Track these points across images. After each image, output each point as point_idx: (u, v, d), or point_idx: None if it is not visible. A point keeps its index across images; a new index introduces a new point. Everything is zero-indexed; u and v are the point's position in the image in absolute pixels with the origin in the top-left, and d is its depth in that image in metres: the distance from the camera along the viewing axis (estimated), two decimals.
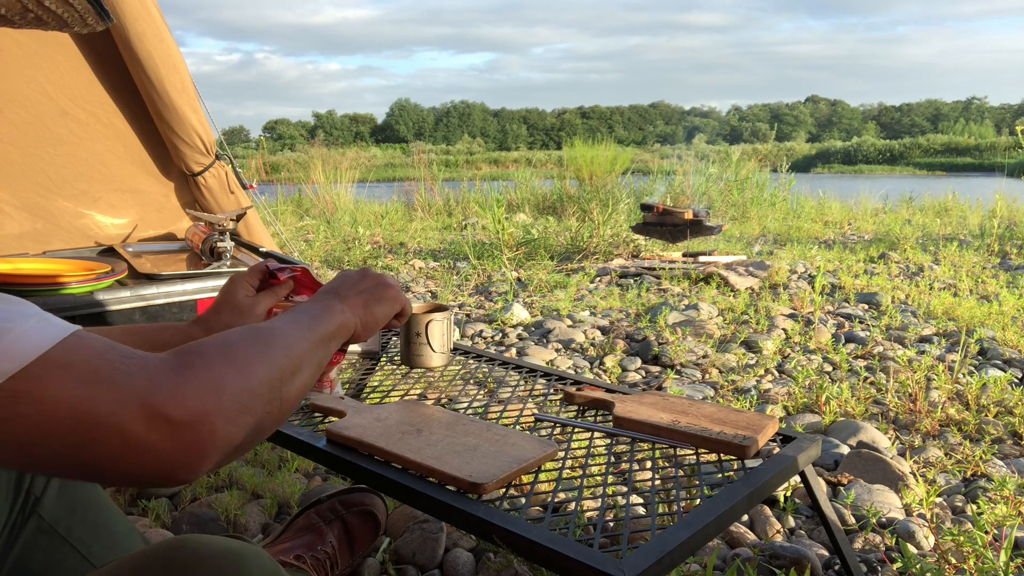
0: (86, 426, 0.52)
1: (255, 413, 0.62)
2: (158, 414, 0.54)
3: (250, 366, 0.64)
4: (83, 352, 0.54)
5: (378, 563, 1.43)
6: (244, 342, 0.67)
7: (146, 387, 0.55)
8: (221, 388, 0.59)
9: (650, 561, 0.84)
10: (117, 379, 0.54)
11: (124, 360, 0.56)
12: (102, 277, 1.75)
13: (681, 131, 17.37)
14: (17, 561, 0.90)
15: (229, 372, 0.61)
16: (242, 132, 60.69)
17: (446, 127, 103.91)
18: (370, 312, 0.92)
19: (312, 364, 0.75)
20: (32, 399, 0.51)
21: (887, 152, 45.64)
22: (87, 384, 0.53)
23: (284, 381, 0.68)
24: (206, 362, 0.60)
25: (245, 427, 0.60)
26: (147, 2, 2.20)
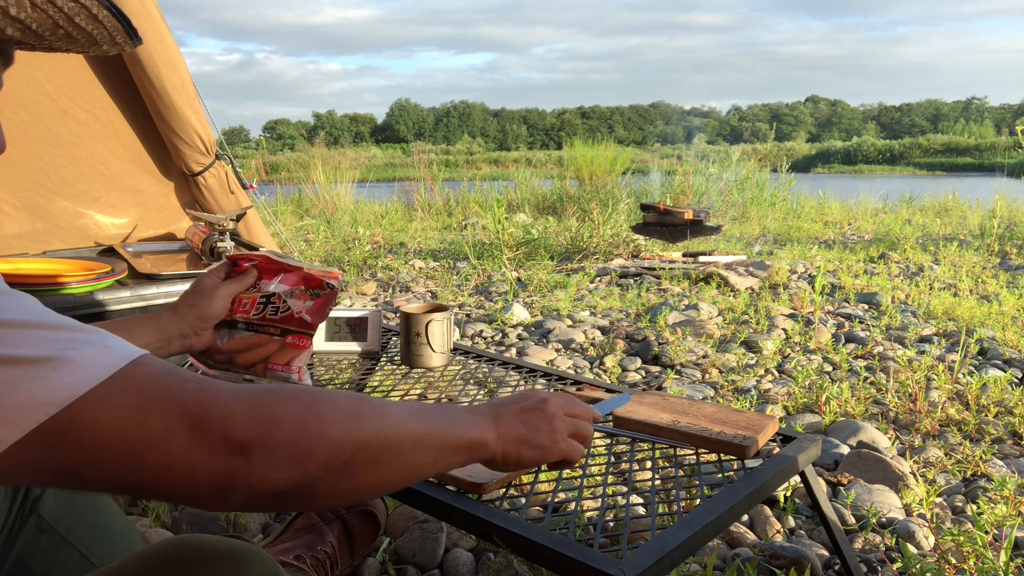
0: (134, 449, 0.53)
1: (305, 470, 0.59)
2: (202, 438, 0.55)
3: (321, 422, 0.61)
4: (139, 380, 0.55)
5: (378, 563, 1.43)
6: (330, 400, 0.64)
7: (199, 411, 0.55)
8: (273, 428, 0.57)
9: (650, 561, 0.84)
10: (170, 404, 0.55)
11: (182, 383, 0.56)
12: (102, 277, 1.75)
13: (681, 131, 17.33)
14: (17, 560, 0.90)
15: (292, 417, 0.59)
16: (242, 132, 60.72)
17: (446, 127, 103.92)
18: (518, 450, 0.80)
19: (409, 464, 0.68)
20: (86, 426, 0.52)
21: (887, 152, 45.65)
22: (140, 411, 0.54)
23: (356, 459, 0.62)
24: (274, 399, 0.59)
25: (287, 478, 0.58)
26: (147, 2, 2.20)
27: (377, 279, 4.64)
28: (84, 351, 0.53)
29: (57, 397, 0.51)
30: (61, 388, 0.51)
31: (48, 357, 0.51)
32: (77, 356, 0.53)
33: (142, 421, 0.53)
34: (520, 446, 0.80)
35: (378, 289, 4.39)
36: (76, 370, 0.52)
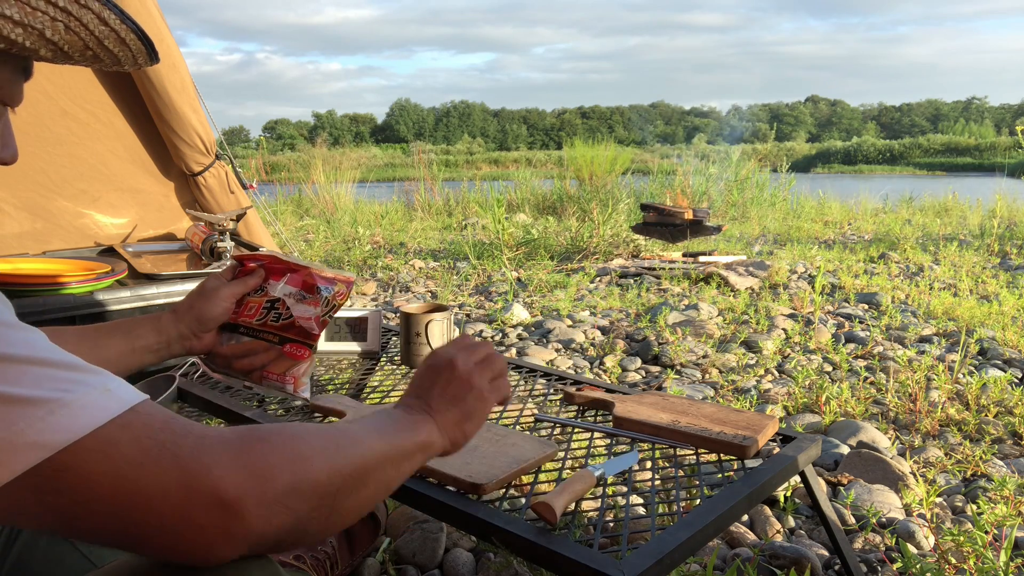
0: (126, 504, 0.53)
1: (297, 515, 0.60)
2: (195, 497, 0.54)
3: (307, 464, 0.62)
4: (136, 430, 0.54)
5: (378, 563, 1.43)
6: (312, 438, 0.65)
7: (193, 469, 0.55)
8: (267, 480, 0.58)
9: (650, 562, 0.84)
10: (164, 462, 0.54)
11: (177, 439, 0.56)
12: (102, 277, 1.75)
13: (681, 131, 17.31)
14: (17, 560, 0.90)
15: (282, 466, 0.59)
16: (242, 132, 60.71)
17: (446, 127, 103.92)
18: (462, 430, 0.83)
19: (381, 481, 0.71)
20: (78, 474, 0.51)
21: (887, 152, 45.64)
22: (133, 464, 0.53)
23: (341, 491, 0.64)
24: (262, 449, 0.60)
25: (281, 526, 0.59)
26: (147, 2, 2.20)
27: (377, 279, 4.64)
28: (84, 394, 0.53)
29: (52, 440, 0.50)
30: (57, 431, 0.51)
31: (46, 399, 0.51)
32: (76, 400, 0.52)
33: (136, 476, 0.53)
34: (461, 426, 0.82)
35: (378, 289, 4.39)
36: (74, 414, 0.52)
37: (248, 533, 0.56)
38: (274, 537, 0.58)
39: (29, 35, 0.58)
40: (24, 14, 0.57)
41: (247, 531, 0.56)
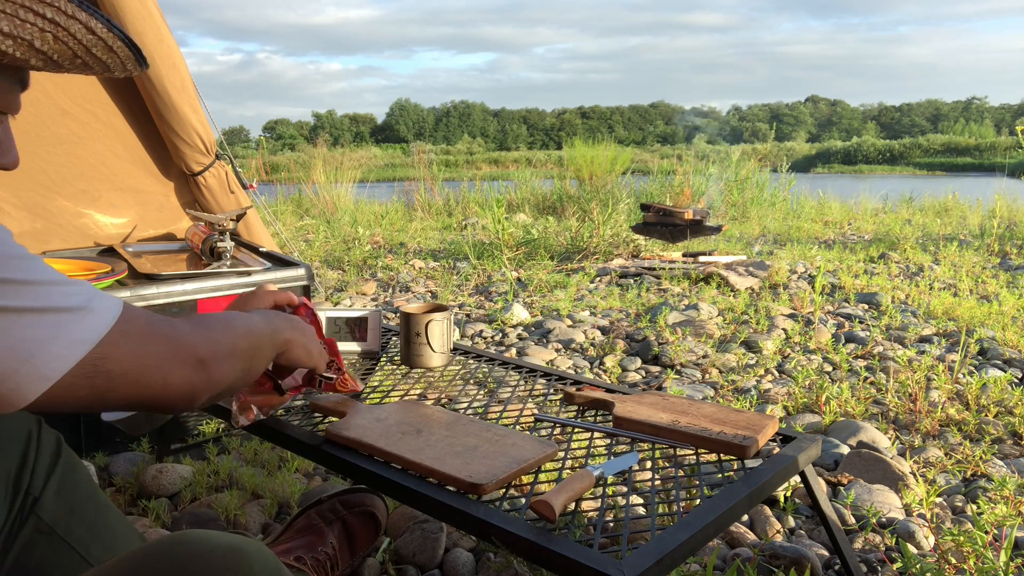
0: (142, 373, 0.72)
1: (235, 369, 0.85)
2: (183, 359, 0.76)
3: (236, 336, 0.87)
4: (135, 321, 0.72)
5: (378, 563, 1.43)
6: (234, 318, 0.91)
7: (176, 340, 0.76)
8: (217, 344, 0.82)
9: (650, 562, 0.84)
10: (159, 336, 0.75)
11: (158, 322, 0.76)
12: (102, 277, 1.75)
13: (682, 131, 17.28)
14: (16, 562, 0.90)
15: (223, 336, 0.84)
16: (242, 132, 60.67)
17: (446, 127, 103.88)
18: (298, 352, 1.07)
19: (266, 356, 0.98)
20: (112, 358, 0.69)
21: (887, 152, 45.61)
22: (143, 343, 0.72)
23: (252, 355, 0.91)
24: (209, 326, 0.84)
25: (228, 376, 0.83)
26: (147, 2, 2.20)
27: (377, 279, 4.64)
28: (98, 301, 0.69)
29: (93, 335, 0.67)
30: (92, 329, 0.67)
31: (78, 307, 0.67)
32: (95, 305, 0.69)
33: (145, 351, 0.72)
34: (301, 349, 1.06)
35: (378, 289, 4.39)
36: (98, 316, 0.68)
37: (212, 383, 0.79)
38: (225, 386, 0.83)
39: (19, 46, 0.62)
40: (13, 26, 0.61)
41: (211, 381, 0.79)
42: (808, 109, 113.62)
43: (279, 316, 1.06)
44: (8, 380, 0.62)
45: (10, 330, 0.62)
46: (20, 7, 0.61)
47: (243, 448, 1.95)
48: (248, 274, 1.89)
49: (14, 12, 0.60)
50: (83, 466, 1.01)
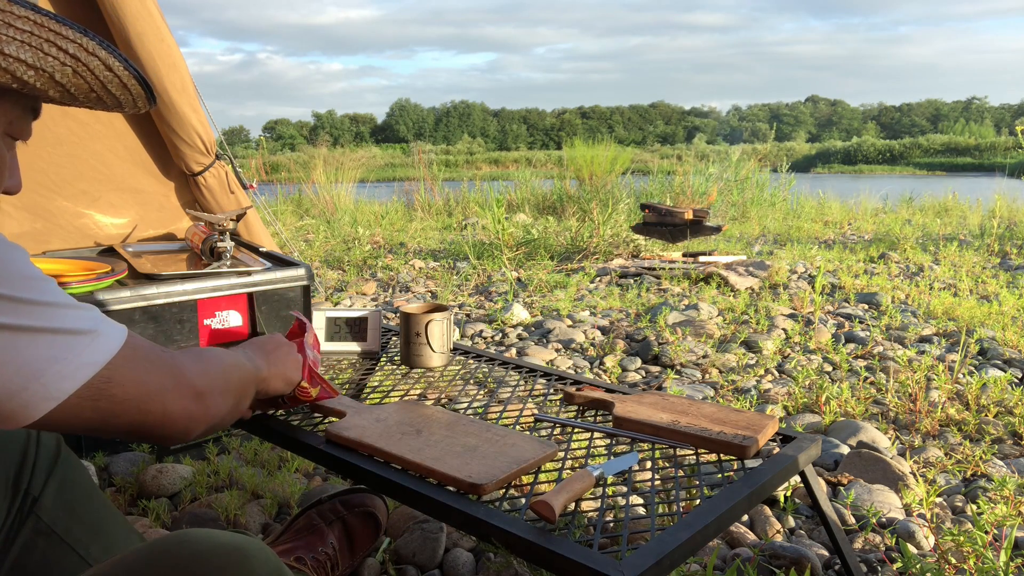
0: (144, 400, 0.73)
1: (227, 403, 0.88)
2: (182, 390, 0.78)
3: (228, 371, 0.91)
4: (140, 348, 0.75)
5: (378, 563, 1.43)
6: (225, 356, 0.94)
7: (176, 372, 0.78)
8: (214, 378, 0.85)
9: (650, 562, 0.84)
10: (161, 366, 0.77)
11: (161, 352, 0.78)
12: (102, 277, 1.75)
13: (682, 131, 17.21)
14: (15, 562, 0.90)
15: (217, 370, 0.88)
16: (242, 132, 60.62)
17: (446, 127, 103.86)
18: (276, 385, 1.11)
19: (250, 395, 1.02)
20: (117, 382, 0.70)
21: (887, 152, 45.61)
22: (146, 371, 0.74)
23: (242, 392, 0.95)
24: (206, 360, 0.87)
25: (222, 411, 0.86)
26: (147, 2, 2.20)
27: (377, 279, 4.64)
28: (106, 325, 0.72)
29: (97, 359, 0.69)
30: (100, 352, 0.69)
31: (88, 330, 0.69)
32: (104, 329, 0.71)
33: (148, 378, 0.74)
34: (278, 381, 1.11)
35: (378, 289, 4.39)
36: (106, 340, 0.70)
37: (208, 415, 0.82)
38: (218, 420, 0.86)
39: (40, 77, 0.65)
40: (37, 58, 0.64)
41: (208, 413, 0.82)
42: (808, 109, 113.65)
43: (259, 351, 1.09)
44: (16, 397, 0.63)
45: (22, 349, 0.63)
46: (44, 41, 0.64)
47: (243, 448, 1.95)
48: (248, 274, 1.89)
49: (39, 45, 0.64)
50: (83, 466, 1.01)
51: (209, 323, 1.85)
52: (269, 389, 1.09)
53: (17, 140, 0.73)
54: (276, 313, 1.94)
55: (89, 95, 0.70)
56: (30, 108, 0.71)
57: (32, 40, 0.64)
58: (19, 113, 0.70)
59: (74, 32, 0.66)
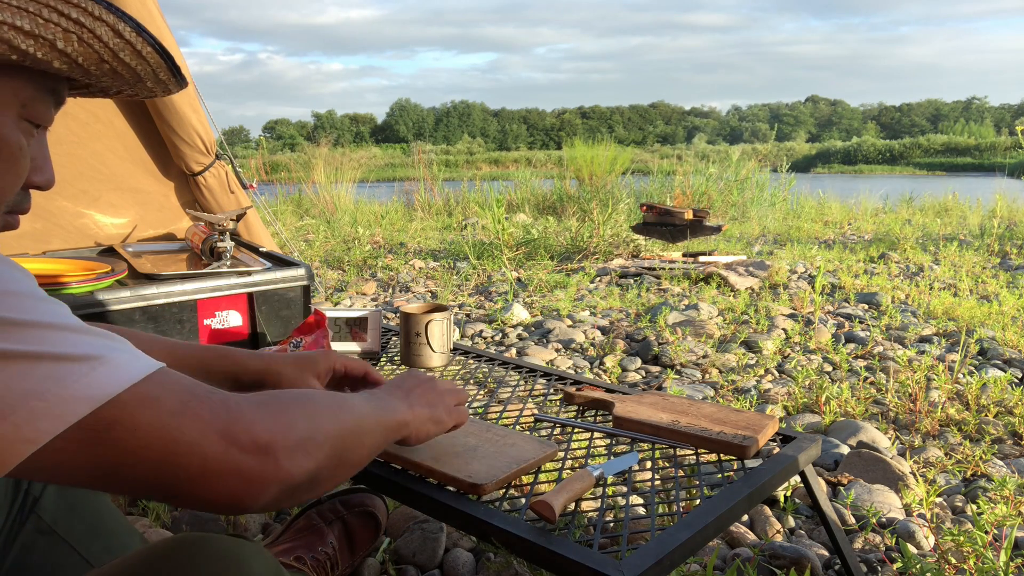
0: (171, 452, 0.57)
1: (316, 461, 0.66)
2: (234, 441, 0.60)
3: (321, 420, 0.70)
4: (171, 387, 0.60)
5: (378, 563, 1.43)
6: (321, 399, 0.74)
7: (226, 419, 0.60)
8: (289, 428, 0.65)
9: (650, 562, 0.84)
10: (201, 412, 0.59)
11: (208, 395, 0.62)
12: (102, 277, 1.75)
13: (682, 131, 17.20)
14: (16, 561, 0.90)
15: (300, 419, 0.67)
16: (242, 132, 60.64)
17: (446, 127, 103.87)
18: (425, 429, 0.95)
19: (371, 443, 0.79)
20: (125, 426, 0.55)
21: (887, 152, 45.62)
22: (174, 415, 0.58)
23: (346, 446, 0.72)
24: (281, 406, 0.67)
25: (304, 470, 0.65)
26: (147, 2, 2.20)
27: (377, 279, 4.64)
28: (120, 354, 0.58)
29: (98, 393, 0.54)
30: (102, 385, 0.55)
31: (89, 355, 0.55)
32: (114, 358, 0.57)
33: (178, 424, 0.57)
34: (426, 425, 0.94)
35: (378, 289, 4.39)
36: (114, 370, 0.56)
37: (280, 474, 0.62)
38: (298, 481, 0.64)
39: (40, 46, 0.58)
40: (35, 25, 0.57)
41: (279, 473, 0.62)
42: (808, 109, 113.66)
43: (395, 390, 0.94)
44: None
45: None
46: (44, 7, 0.58)
47: None
48: (248, 274, 1.89)
49: (37, 11, 0.57)
50: None
51: (209, 323, 1.85)
52: (412, 436, 0.92)
53: (39, 126, 0.66)
54: (276, 313, 1.94)
55: (101, 66, 0.63)
56: (48, 89, 0.64)
57: (29, 6, 0.57)
58: (32, 93, 0.63)
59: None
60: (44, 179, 0.70)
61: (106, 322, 1.69)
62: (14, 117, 0.63)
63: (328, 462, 0.68)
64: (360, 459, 0.76)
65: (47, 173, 0.70)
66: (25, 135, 0.64)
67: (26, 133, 0.64)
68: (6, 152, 0.63)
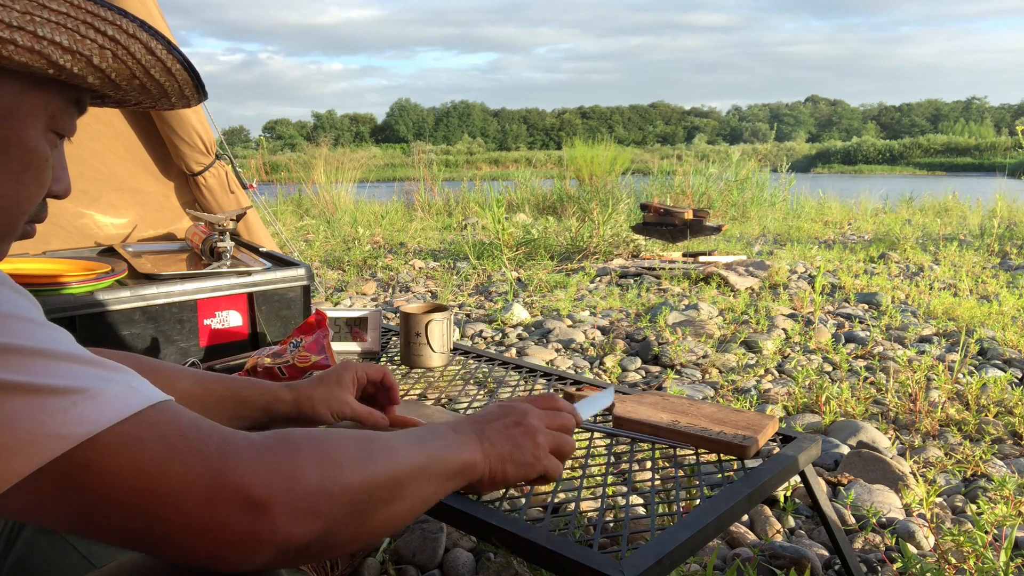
0: (149, 503, 0.52)
1: (327, 520, 0.58)
2: (222, 496, 0.53)
3: (338, 470, 0.60)
4: (161, 427, 0.54)
5: (378, 563, 1.43)
6: (344, 444, 0.63)
7: (219, 467, 0.54)
8: (294, 481, 0.56)
9: (650, 562, 0.84)
10: (191, 458, 0.53)
11: (203, 438, 0.55)
12: (102, 277, 1.75)
13: (682, 131, 17.17)
14: (17, 561, 0.90)
15: (311, 469, 0.58)
16: (242, 132, 60.64)
17: (446, 127, 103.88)
18: (504, 468, 0.82)
19: (418, 495, 0.69)
20: (101, 470, 0.50)
21: (887, 152, 45.63)
22: (158, 460, 0.52)
23: (375, 501, 0.63)
24: (291, 451, 0.58)
25: (310, 532, 0.57)
26: (147, 2, 2.20)
27: (377, 279, 4.64)
28: (108, 388, 0.53)
29: (76, 431, 0.50)
30: (80, 423, 0.50)
31: (70, 389, 0.51)
32: (100, 392, 0.52)
33: (161, 472, 0.52)
34: (505, 464, 0.82)
35: (378, 289, 4.39)
36: (97, 406, 0.51)
37: (276, 536, 0.55)
38: (303, 542, 0.56)
39: (77, 62, 0.59)
40: (73, 41, 0.58)
41: (275, 534, 0.54)
42: (808, 109, 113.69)
43: (461, 428, 0.81)
44: None
45: None
46: (81, 23, 0.59)
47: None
48: (248, 274, 1.89)
49: (75, 27, 0.59)
50: None
51: (209, 323, 1.85)
52: (485, 482, 0.81)
53: (63, 137, 0.66)
54: (276, 313, 1.94)
55: (132, 81, 0.64)
56: (73, 100, 0.65)
57: (68, 22, 0.58)
58: (61, 105, 0.64)
59: (113, 13, 0.61)
60: (62, 188, 0.69)
61: (105, 322, 1.69)
62: (42, 128, 0.63)
63: (347, 520, 0.60)
64: (400, 516, 0.66)
65: (64, 182, 0.70)
66: (50, 145, 0.65)
67: (51, 144, 0.65)
68: (34, 163, 0.63)
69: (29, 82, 0.60)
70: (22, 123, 0.61)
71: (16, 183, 0.62)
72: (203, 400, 1.01)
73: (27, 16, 0.56)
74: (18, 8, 0.56)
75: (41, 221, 0.72)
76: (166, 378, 1.01)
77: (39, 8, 0.57)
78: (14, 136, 0.61)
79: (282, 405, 1.03)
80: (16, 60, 0.56)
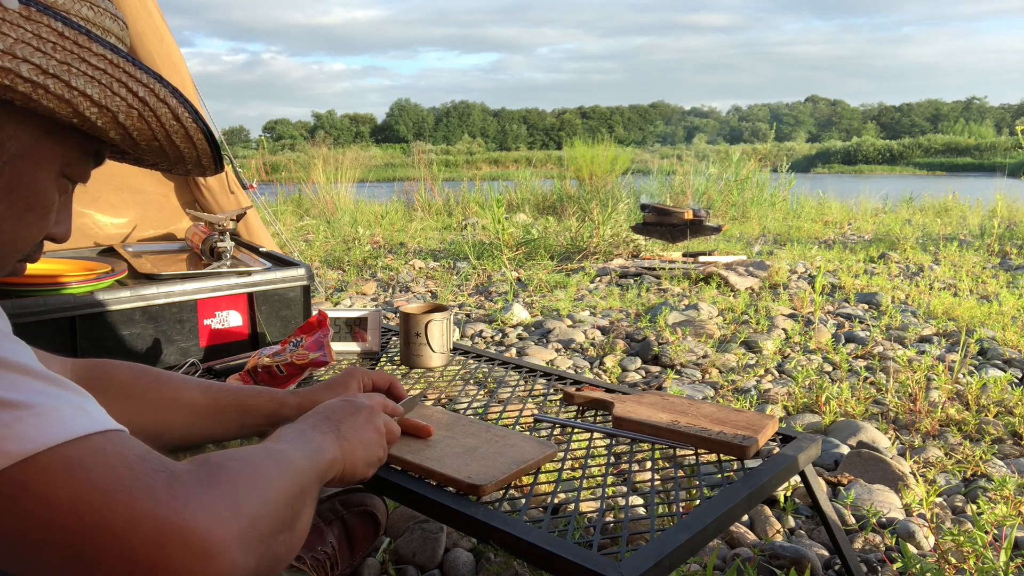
0: (91, 539, 0.47)
1: (269, 541, 0.58)
2: (175, 534, 0.49)
3: (267, 489, 0.60)
4: (109, 455, 0.50)
5: (378, 563, 1.42)
6: (260, 462, 0.63)
7: (168, 505, 0.50)
8: (239, 511, 0.55)
9: (649, 563, 0.84)
10: (137, 493, 0.49)
11: (151, 472, 0.52)
12: (102, 277, 1.75)
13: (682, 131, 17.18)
14: None
15: (251, 494, 0.58)
16: (242, 132, 60.63)
17: (446, 127, 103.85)
18: (355, 466, 0.86)
19: (313, 497, 0.71)
20: (38, 496, 0.46)
21: (887, 152, 45.64)
22: (103, 493, 0.48)
23: (295, 510, 0.65)
24: (230, 480, 0.57)
25: (259, 558, 0.56)
26: (147, 2, 2.20)
27: (377, 279, 4.64)
28: (57, 407, 0.50)
29: (14, 448, 0.46)
30: (22, 439, 0.46)
31: (17, 402, 0.47)
32: (49, 409, 0.49)
33: (104, 505, 0.48)
34: (357, 465, 0.86)
35: (378, 289, 4.39)
36: (43, 424, 0.48)
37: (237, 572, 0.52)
38: (252, 569, 0.55)
39: (103, 116, 0.60)
40: (104, 96, 0.60)
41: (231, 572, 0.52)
42: (808, 109, 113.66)
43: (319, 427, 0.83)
44: None
45: None
46: (115, 80, 0.60)
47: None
48: (248, 274, 1.89)
49: (108, 84, 0.60)
50: None
51: (209, 323, 1.85)
52: (346, 477, 0.84)
53: (75, 183, 0.68)
54: (276, 313, 1.94)
55: (152, 143, 0.65)
56: (92, 151, 0.67)
57: (103, 78, 0.60)
58: (78, 155, 0.65)
59: (148, 76, 0.63)
60: (62, 232, 0.71)
61: (106, 322, 1.69)
62: (55, 173, 0.64)
63: (283, 536, 0.60)
64: (308, 518, 0.68)
65: (65, 226, 0.71)
66: (60, 190, 0.66)
67: (61, 189, 0.66)
68: (40, 205, 0.65)
69: (52, 128, 0.61)
70: (37, 165, 0.62)
71: (18, 221, 0.63)
72: (209, 409, 1.02)
73: (64, 66, 0.57)
74: (58, 57, 0.57)
75: (34, 261, 0.73)
76: (173, 388, 1.02)
77: (79, 61, 0.58)
78: (26, 176, 0.62)
79: (288, 411, 1.04)
80: (44, 105, 0.57)
